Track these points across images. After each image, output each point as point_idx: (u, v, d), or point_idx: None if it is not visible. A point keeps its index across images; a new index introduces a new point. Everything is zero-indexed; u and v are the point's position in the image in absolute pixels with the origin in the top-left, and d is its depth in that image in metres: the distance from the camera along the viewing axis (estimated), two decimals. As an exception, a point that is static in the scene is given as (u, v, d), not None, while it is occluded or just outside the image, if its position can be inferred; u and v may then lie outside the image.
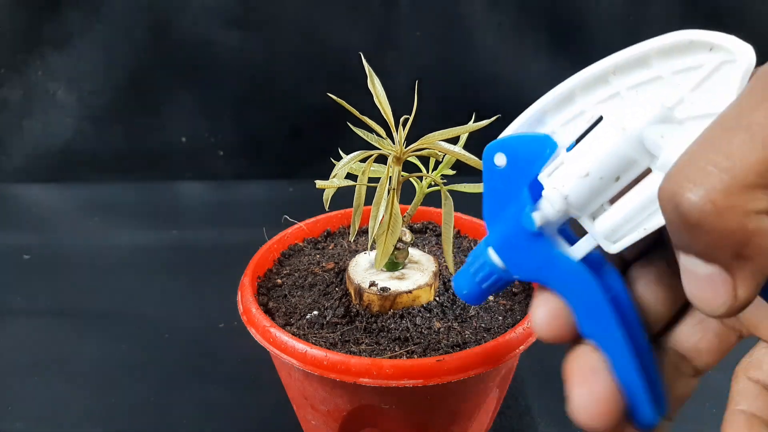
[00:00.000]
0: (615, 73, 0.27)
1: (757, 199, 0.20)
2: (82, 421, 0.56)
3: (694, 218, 0.21)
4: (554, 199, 0.27)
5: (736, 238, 0.21)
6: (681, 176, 0.21)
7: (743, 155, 0.20)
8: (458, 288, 0.32)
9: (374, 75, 0.43)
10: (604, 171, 0.26)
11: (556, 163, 0.27)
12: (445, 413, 0.44)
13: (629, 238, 0.26)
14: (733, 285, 0.22)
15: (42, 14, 0.94)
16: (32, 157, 1.00)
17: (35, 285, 0.75)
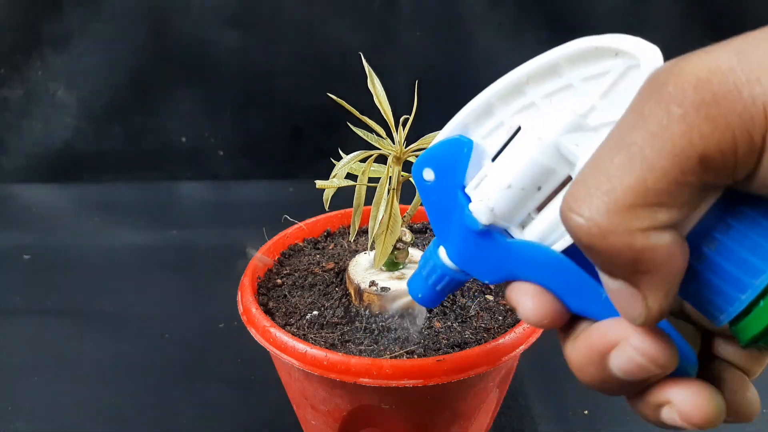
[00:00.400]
0: (529, 83, 0.27)
1: (639, 218, 0.20)
2: (82, 421, 0.56)
3: (585, 240, 0.21)
4: (481, 212, 0.27)
5: (626, 256, 0.21)
6: (571, 198, 0.22)
7: (622, 176, 0.21)
8: (413, 292, 0.32)
9: (374, 75, 0.43)
10: (526, 182, 0.26)
11: (481, 175, 0.28)
12: (445, 413, 0.44)
13: (558, 245, 0.26)
14: (642, 297, 0.22)
15: (42, 14, 0.94)
16: (32, 157, 1.00)
17: (35, 285, 0.75)
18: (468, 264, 0.29)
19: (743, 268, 0.22)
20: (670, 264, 0.21)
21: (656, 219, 0.21)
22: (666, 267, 0.21)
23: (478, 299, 0.48)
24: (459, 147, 0.28)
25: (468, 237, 0.28)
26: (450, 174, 0.29)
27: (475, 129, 0.29)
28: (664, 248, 0.21)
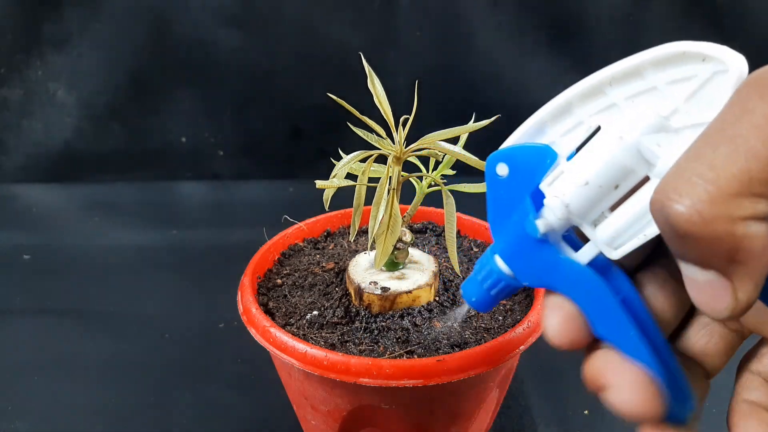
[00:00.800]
0: (611, 84, 0.27)
1: (742, 207, 0.21)
2: (82, 421, 0.56)
3: (683, 228, 0.22)
4: (556, 208, 0.27)
5: (726, 244, 0.21)
6: (669, 188, 0.22)
7: (726, 166, 0.21)
8: (467, 296, 0.32)
9: (374, 75, 0.43)
10: (603, 179, 0.26)
11: (557, 173, 0.28)
12: (445, 413, 0.44)
13: (630, 244, 0.26)
14: (733, 289, 0.23)
15: (42, 14, 0.94)
16: (32, 157, 1.00)
17: (35, 285, 0.75)
18: (514, 264, 0.30)
19: None
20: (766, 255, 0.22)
21: (758, 209, 0.21)
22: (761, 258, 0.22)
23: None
24: (543, 155, 0.29)
25: (523, 241, 0.29)
26: (525, 178, 0.29)
27: (553, 127, 0.30)
28: (762, 239, 0.21)
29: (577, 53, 0.98)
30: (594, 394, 0.27)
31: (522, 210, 0.29)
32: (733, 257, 0.22)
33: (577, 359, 0.65)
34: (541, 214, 0.28)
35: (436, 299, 0.46)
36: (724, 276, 0.23)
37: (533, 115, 0.30)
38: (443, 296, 0.47)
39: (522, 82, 1.00)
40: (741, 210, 0.21)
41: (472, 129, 0.42)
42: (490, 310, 0.33)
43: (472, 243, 0.55)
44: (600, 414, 0.57)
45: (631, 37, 0.98)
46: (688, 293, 0.24)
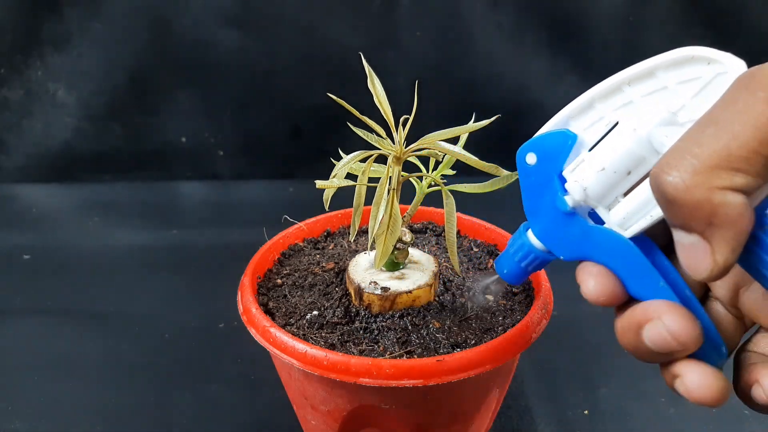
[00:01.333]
0: (629, 84, 0.32)
1: (720, 178, 0.25)
2: (82, 421, 0.56)
3: (671, 195, 0.26)
4: (575, 191, 0.32)
5: (704, 209, 0.25)
6: (664, 162, 0.26)
7: (710, 143, 0.25)
8: (499, 268, 0.37)
9: (374, 75, 0.43)
10: (618, 166, 0.30)
11: (578, 161, 0.32)
12: (445, 413, 0.44)
13: (638, 224, 0.30)
14: (711, 251, 0.26)
15: (42, 14, 0.94)
16: (32, 157, 1.00)
17: (35, 285, 0.75)
18: (550, 241, 0.34)
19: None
20: (739, 222, 0.26)
21: (734, 181, 0.25)
22: (735, 224, 0.26)
23: (479, 299, 0.48)
24: (564, 138, 0.33)
25: (555, 217, 0.33)
26: (551, 161, 0.33)
27: (577, 121, 0.34)
28: (736, 207, 0.25)
29: (577, 53, 0.98)
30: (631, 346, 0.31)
31: (551, 190, 0.33)
32: (711, 221, 0.26)
33: (578, 359, 0.65)
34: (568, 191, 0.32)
35: (436, 299, 0.46)
36: (704, 239, 0.26)
37: (560, 111, 0.34)
38: (443, 296, 0.47)
39: (522, 82, 1.00)
40: (719, 180, 0.25)
41: (472, 129, 0.42)
42: (520, 283, 0.38)
43: (472, 243, 0.55)
44: (600, 414, 0.57)
45: (631, 38, 0.98)
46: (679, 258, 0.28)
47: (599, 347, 0.65)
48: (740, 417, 0.57)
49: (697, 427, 0.56)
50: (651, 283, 0.30)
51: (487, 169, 0.41)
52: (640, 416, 0.57)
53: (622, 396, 0.59)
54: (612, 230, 0.31)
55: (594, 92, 0.33)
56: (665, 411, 0.57)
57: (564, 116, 0.34)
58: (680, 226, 0.27)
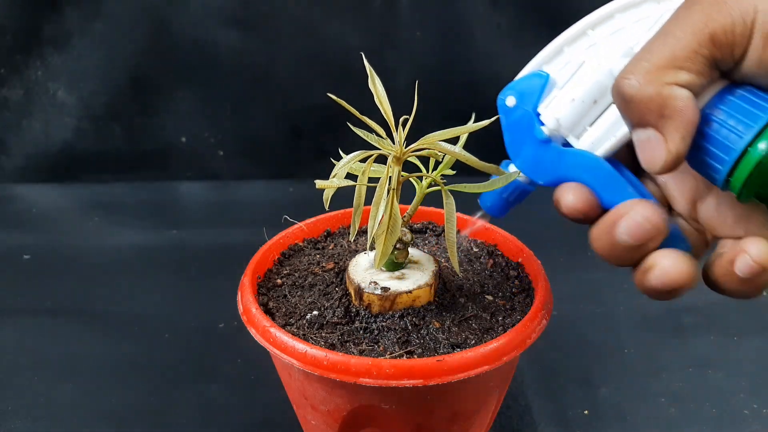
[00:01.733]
0: (592, 28, 0.38)
1: (667, 75, 0.30)
2: (82, 421, 0.56)
3: (628, 94, 0.31)
4: (549, 121, 0.37)
5: (656, 102, 0.30)
6: (623, 71, 0.31)
7: (658, 49, 0.31)
8: (483, 202, 0.42)
9: (375, 75, 0.43)
10: (586, 96, 0.36)
11: (551, 97, 0.38)
12: (445, 413, 0.44)
13: (604, 146, 0.36)
14: (664, 140, 0.31)
15: (42, 14, 0.94)
16: (32, 157, 1.00)
17: (35, 285, 0.75)
18: (530, 169, 0.39)
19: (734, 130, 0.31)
20: (686, 112, 0.30)
21: (679, 77, 0.30)
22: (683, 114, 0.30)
23: (478, 299, 0.48)
24: (538, 79, 0.38)
25: (533, 147, 0.38)
26: (528, 100, 0.38)
27: (549, 66, 0.39)
28: (682, 99, 0.30)
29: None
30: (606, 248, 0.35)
31: (530, 124, 0.38)
32: (662, 113, 0.30)
33: (578, 359, 0.65)
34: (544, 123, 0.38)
35: (436, 299, 0.46)
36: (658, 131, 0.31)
37: (532, 59, 0.39)
38: (443, 296, 0.47)
39: (522, 82, 0.99)
40: (667, 77, 0.30)
41: (472, 129, 0.42)
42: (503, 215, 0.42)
43: (472, 243, 0.55)
44: (600, 414, 0.57)
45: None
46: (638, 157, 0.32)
47: (599, 347, 0.65)
48: (740, 417, 0.57)
49: (697, 427, 0.56)
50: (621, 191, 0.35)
51: (487, 169, 0.41)
52: (640, 416, 0.57)
53: (622, 396, 0.59)
54: (583, 150, 0.37)
55: (562, 39, 0.39)
56: (665, 411, 0.57)
57: (537, 63, 0.39)
58: (637, 124, 0.32)
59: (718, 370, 0.62)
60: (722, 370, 0.62)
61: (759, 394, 0.59)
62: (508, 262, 0.53)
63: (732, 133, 0.31)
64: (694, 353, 0.64)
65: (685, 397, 0.59)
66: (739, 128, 0.30)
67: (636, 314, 0.69)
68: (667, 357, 0.64)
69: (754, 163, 0.30)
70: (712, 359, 0.63)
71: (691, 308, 0.70)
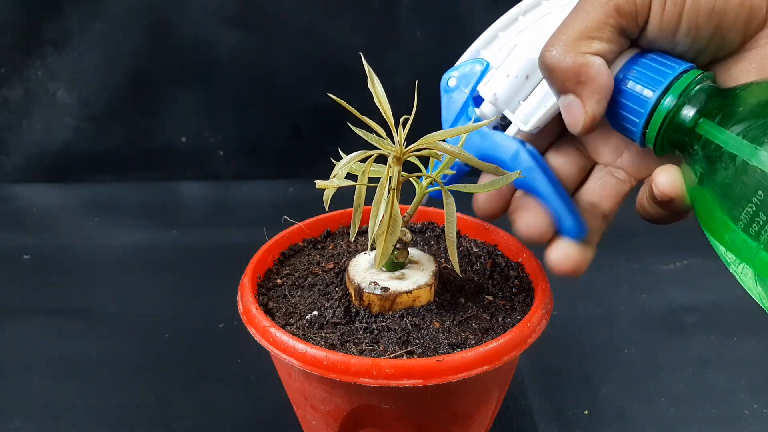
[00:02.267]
0: (523, 15, 0.43)
1: (582, 45, 0.35)
2: (82, 421, 0.56)
3: (550, 64, 0.35)
4: (487, 95, 0.42)
5: (573, 69, 0.35)
6: (545, 45, 0.36)
7: (573, 23, 0.35)
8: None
9: (374, 75, 0.43)
10: (519, 71, 0.41)
11: (489, 76, 0.43)
12: (445, 413, 0.44)
13: (536, 116, 0.41)
14: (582, 105, 0.35)
15: (42, 14, 0.94)
16: (32, 157, 1.00)
17: (35, 285, 0.75)
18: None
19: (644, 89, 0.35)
20: (599, 78, 0.35)
21: (592, 47, 0.35)
22: (596, 79, 0.35)
23: (478, 299, 0.48)
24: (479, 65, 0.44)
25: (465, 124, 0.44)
26: (467, 82, 0.44)
27: (485, 50, 0.45)
28: (596, 65, 0.35)
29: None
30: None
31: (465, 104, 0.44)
32: (578, 79, 0.35)
33: (578, 359, 0.65)
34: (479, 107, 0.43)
35: (436, 299, 0.46)
36: (577, 96, 0.35)
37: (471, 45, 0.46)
38: (443, 296, 0.47)
39: (522, 82, 0.99)
40: (582, 47, 0.35)
41: (472, 129, 0.42)
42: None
43: (472, 243, 0.55)
44: (600, 414, 0.57)
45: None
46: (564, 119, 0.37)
47: (599, 347, 0.65)
48: (740, 417, 0.57)
49: (697, 427, 0.56)
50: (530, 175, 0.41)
51: (487, 169, 0.41)
52: (640, 416, 0.57)
53: (622, 396, 0.59)
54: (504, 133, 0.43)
55: (496, 25, 0.45)
56: (665, 411, 0.57)
57: (475, 48, 0.45)
58: (560, 90, 0.36)
59: (718, 370, 0.62)
60: (722, 370, 0.62)
61: (759, 394, 0.59)
62: (508, 262, 0.53)
63: (643, 93, 0.35)
64: (694, 353, 0.64)
65: (685, 397, 0.59)
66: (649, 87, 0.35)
67: (636, 314, 0.69)
68: (667, 357, 0.64)
69: (663, 116, 0.34)
70: (712, 359, 0.63)
71: (691, 308, 0.70)
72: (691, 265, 0.78)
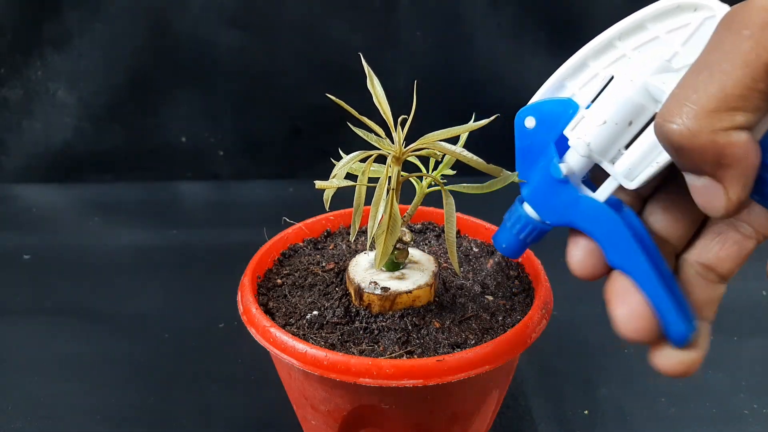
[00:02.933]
0: (620, 39, 0.33)
1: (721, 119, 0.26)
2: (82, 421, 0.56)
3: (677, 142, 0.27)
4: (579, 147, 0.32)
5: (711, 152, 0.26)
6: (665, 111, 0.27)
7: (705, 87, 0.26)
8: (498, 243, 0.38)
9: (374, 75, 0.43)
10: (618, 117, 0.31)
11: (578, 118, 0.33)
12: (445, 413, 0.44)
13: (645, 173, 0.31)
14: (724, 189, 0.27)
15: (42, 14, 0.94)
16: (32, 157, 1.00)
17: (35, 285, 0.75)
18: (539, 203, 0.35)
19: None
20: (747, 158, 0.27)
21: (735, 120, 0.26)
22: (743, 161, 0.26)
23: (478, 299, 0.48)
24: (566, 107, 0.34)
25: (547, 183, 0.34)
26: (550, 127, 0.34)
27: (572, 81, 0.35)
28: (741, 144, 0.26)
29: (576, 53, 0.98)
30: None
31: (547, 156, 0.34)
32: (719, 162, 0.26)
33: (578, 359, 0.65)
34: (564, 158, 0.33)
35: (436, 299, 0.46)
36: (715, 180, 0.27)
37: (554, 73, 0.35)
38: (443, 296, 0.47)
39: (522, 82, 0.99)
40: (721, 122, 0.26)
41: (472, 129, 0.42)
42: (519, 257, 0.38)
43: (472, 243, 0.55)
44: (600, 414, 0.57)
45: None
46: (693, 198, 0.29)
47: (599, 347, 0.65)
48: (740, 417, 0.57)
49: (697, 427, 0.56)
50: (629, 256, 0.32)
51: (489, 170, 0.41)
52: (640, 416, 0.57)
53: (622, 396, 0.59)
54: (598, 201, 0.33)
55: (586, 51, 0.34)
56: (665, 411, 0.57)
57: (558, 77, 0.35)
58: (690, 170, 0.28)
59: (718, 370, 0.62)
60: (722, 370, 0.62)
61: (759, 394, 0.59)
62: (508, 262, 0.53)
63: None
64: (694, 353, 0.64)
65: (685, 397, 0.59)
66: None
67: (636, 314, 0.69)
68: (667, 357, 0.64)
69: None
70: (712, 359, 0.63)
71: (691, 308, 0.70)
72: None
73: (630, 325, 0.32)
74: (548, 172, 0.34)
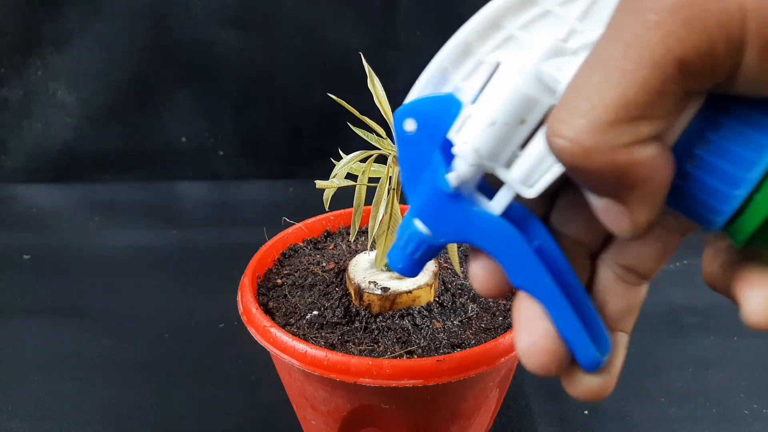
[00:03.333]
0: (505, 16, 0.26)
1: (621, 134, 0.20)
2: (82, 421, 0.56)
3: (569, 161, 0.21)
4: (466, 154, 0.26)
5: (611, 173, 0.21)
6: (554, 122, 0.21)
7: (600, 94, 0.20)
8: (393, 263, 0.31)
9: (374, 75, 0.43)
10: (509, 116, 0.25)
11: (463, 117, 0.26)
12: (445, 413, 0.44)
13: (545, 178, 0.25)
14: (629, 212, 0.22)
15: (42, 14, 0.94)
16: (32, 157, 1.00)
17: (35, 285, 0.75)
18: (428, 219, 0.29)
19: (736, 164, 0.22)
20: (655, 177, 0.21)
21: (639, 133, 0.20)
22: (651, 180, 0.21)
23: (478, 299, 0.48)
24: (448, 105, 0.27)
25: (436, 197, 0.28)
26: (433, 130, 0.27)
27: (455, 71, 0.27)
28: (647, 162, 0.21)
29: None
30: None
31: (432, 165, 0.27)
32: (622, 184, 0.21)
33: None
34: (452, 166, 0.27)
35: (436, 299, 0.46)
36: (618, 202, 0.22)
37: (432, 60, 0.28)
38: (443, 296, 0.47)
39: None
40: (621, 137, 0.20)
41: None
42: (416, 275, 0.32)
43: (472, 243, 0.55)
44: (600, 414, 0.57)
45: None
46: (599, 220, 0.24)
47: (599, 347, 0.65)
48: (740, 417, 0.57)
49: (697, 427, 0.56)
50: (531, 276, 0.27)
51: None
52: (640, 416, 0.57)
53: (622, 396, 0.59)
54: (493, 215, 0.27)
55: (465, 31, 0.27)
56: (665, 411, 0.57)
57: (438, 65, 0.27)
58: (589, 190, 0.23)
59: (718, 370, 0.62)
60: (722, 370, 0.62)
61: (759, 394, 0.59)
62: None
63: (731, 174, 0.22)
64: (694, 353, 0.64)
65: (685, 397, 0.59)
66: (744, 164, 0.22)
67: (636, 314, 0.69)
68: (667, 357, 0.64)
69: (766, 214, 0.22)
70: (712, 359, 0.63)
71: (691, 308, 0.70)
72: (691, 265, 0.78)
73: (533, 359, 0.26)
74: (436, 185, 0.27)
